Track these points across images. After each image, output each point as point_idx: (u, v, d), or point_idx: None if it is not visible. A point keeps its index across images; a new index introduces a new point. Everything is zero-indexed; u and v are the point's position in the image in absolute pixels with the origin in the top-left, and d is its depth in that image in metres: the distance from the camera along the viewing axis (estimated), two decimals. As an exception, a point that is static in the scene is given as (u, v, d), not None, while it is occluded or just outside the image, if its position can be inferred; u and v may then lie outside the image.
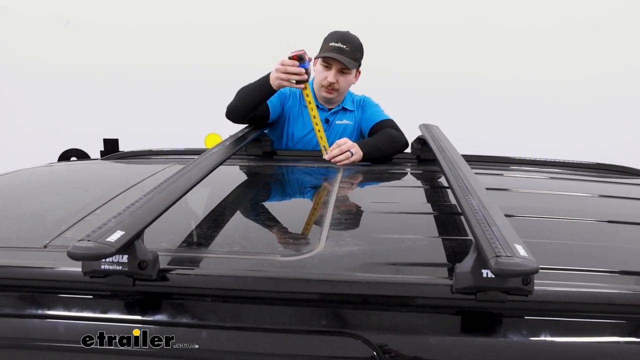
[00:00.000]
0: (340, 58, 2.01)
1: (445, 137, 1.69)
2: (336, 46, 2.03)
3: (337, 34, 2.07)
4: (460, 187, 1.08)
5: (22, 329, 0.86)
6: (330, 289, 0.84)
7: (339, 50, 2.02)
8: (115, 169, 1.90)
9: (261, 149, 1.94)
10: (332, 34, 2.09)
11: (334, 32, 2.09)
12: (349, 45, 2.04)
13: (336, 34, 2.08)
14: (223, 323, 0.82)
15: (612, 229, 1.23)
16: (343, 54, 2.02)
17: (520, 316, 0.81)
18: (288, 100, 2.14)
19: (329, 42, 2.06)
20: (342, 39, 2.04)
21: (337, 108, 2.18)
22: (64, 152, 4.15)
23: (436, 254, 1.02)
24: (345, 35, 2.07)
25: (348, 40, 2.05)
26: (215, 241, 1.06)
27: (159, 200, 0.96)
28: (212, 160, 1.32)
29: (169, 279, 0.84)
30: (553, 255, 0.99)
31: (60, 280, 0.89)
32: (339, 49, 2.02)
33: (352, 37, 2.08)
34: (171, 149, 2.09)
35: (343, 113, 2.19)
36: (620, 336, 0.80)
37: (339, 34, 2.07)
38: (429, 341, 0.79)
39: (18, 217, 1.30)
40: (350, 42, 2.05)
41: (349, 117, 2.19)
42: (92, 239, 0.76)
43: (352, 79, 2.13)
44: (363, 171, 1.72)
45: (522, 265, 0.70)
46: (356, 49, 2.07)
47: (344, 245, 0.99)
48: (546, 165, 1.92)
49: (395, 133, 2.05)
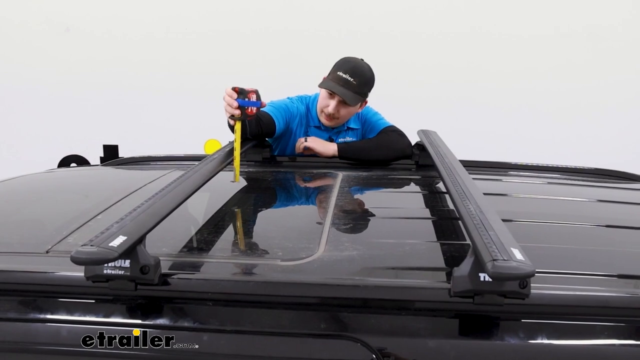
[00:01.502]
0: (343, 94, 1.93)
1: (444, 143, 1.70)
2: (343, 77, 1.93)
3: (348, 64, 1.97)
4: (458, 192, 1.09)
5: (25, 333, 0.86)
6: (330, 293, 0.85)
7: (345, 82, 1.93)
8: (115, 175, 1.91)
9: (261, 155, 1.95)
10: (343, 62, 1.98)
11: (345, 60, 1.99)
12: (357, 78, 1.93)
13: (347, 63, 1.97)
14: (224, 327, 0.83)
15: (608, 233, 1.25)
16: (348, 87, 1.93)
17: (517, 319, 0.82)
18: (295, 119, 2.11)
19: (337, 71, 1.96)
20: (352, 71, 1.94)
21: (340, 128, 2.14)
22: (63, 158, 4.16)
23: (434, 258, 1.03)
24: (355, 67, 1.96)
25: (357, 73, 1.95)
26: (216, 246, 1.07)
27: (160, 206, 0.97)
28: (213, 166, 1.34)
29: (171, 283, 0.85)
30: (549, 259, 1.00)
31: (63, 285, 0.90)
32: (345, 82, 1.93)
33: (362, 70, 1.97)
34: (171, 155, 2.10)
35: (346, 132, 2.16)
36: (616, 339, 0.81)
37: (349, 65, 1.96)
38: (428, 344, 0.80)
39: (20, 222, 1.31)
40: (359, 75, 1.95)
41: (351, 134, 2.16)
42: (95, 244, 0.77)
43: (355, 110, 2.05)
44: (362, 177, 1.73)
45: (518, 269, 0.71)
46: (364, 83, 1.97)
47: (343, 249, 1.00)
48: (544, 170, 1.93)
49: (393, 137, 2.02)
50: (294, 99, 2.16)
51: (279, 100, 2.12)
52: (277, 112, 2.00)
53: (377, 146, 1.98)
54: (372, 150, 1.97)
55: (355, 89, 1.95)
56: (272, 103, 2.05)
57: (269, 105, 2.02)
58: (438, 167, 1.37)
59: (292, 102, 2.13)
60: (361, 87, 1.96)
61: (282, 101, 2.11)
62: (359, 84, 1.94)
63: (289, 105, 2.10)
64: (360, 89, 1.96)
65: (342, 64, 1.98)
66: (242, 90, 1.58)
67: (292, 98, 2.17)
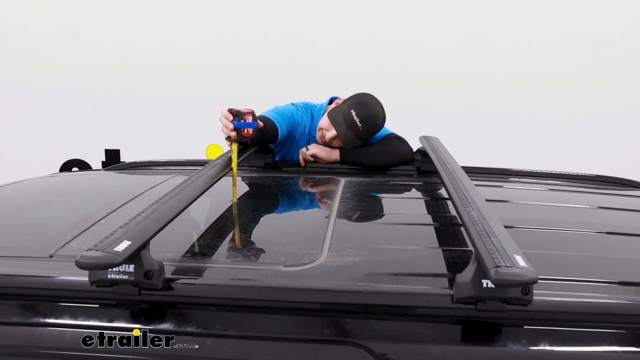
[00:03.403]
0: (344, 137, 1.93)
1: (445, 149, 1.70)
2: (353, 119, 1.91)
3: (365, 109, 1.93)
4: (460, 199, 1.09)
5: (28, 337, 0.87)
6: (333, 299, 0.85)
7: (352, 124, 1.91)
8: (117, 180, 1.91)
9: (263, 160, 1.95)
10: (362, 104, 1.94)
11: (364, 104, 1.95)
12: (365, 126, 1.92)
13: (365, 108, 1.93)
14: (227, 332, 0.84)
15: (610, 240, 1.25)
16: (353, 130, 1.92)
17: (519, 326, 0.82)
18: (299, 127, 2.12)
19: (351, 109, 1.92)
20: (364, 119, 1.91)
21: None
22: (65, 162, 4.14)
23: (437, 264, 1.03)
24: (369, 117, 1.93)
25: (369, 122, 1.93)
26: (219, 251, 1.07)
27: (164, 211, 0.97)
28: (215, 171, 1.34)
29: (174, 288, 0.86)
30: (552, 265, 1.00)
31: (67, 290, 0.90)
32: (353, 124, 1.91)
33: (374, 120, 1.95)
34: (172, 160, 2.11)
35: None
36: (618, 346, 0.81)
37: (366, 111, 1.93)
38: (430, 350, 0.80)
39: (23, 226, 1.31)
40: (371, 125, 1.94)
41: None
42: (99, 249, 0.77)
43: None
44: (364, 183, 1.74)
45: (521, 275, 0.72)
46: (369, 132, 1.96)
47: (346, 255, 1.00)
48: (546, 177, 1.93)
49: (394, 143, 2.02)
50: (300, 106, 2.16)
51: (284, 106, 2.12)
52: (280, 119, 2.00)
53: (378, 152, 1.99)
54: (373, 156, 1.98)
55: (359, 135, 1.94)
56: (276, 109, 2.06)
57: (273, 112, 2.03)
58: (440, 173, 1.37)
59: (298, 110, 2.13)
60: (365, 134, 1.96)
61: (287, 108, 2.11)
62: (364, 131, 1.94)
63: (294, 113, 2.10)
64: (363, 136, 1.96)
65: (360, 107, 1.94)
66: (238, 112, 1.58)
67: (297, 105, 2.16)
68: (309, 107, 2.18)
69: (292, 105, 2.15)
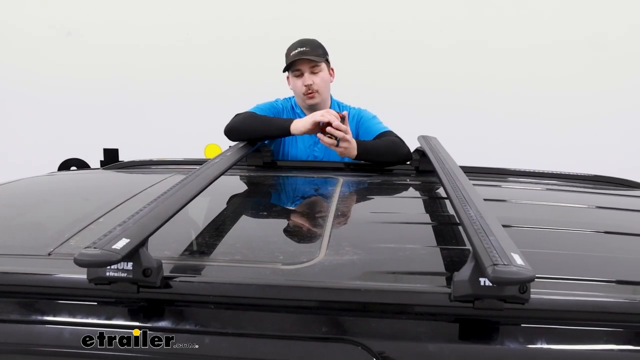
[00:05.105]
0: (303, 54, 2.06)
1: (444, 149, 1.71)
2: (296, 52, 2.08)
3: (294, 43, 2.13)
4: (458, 198, 1.10)
5: (27, 335, 0.87)
6: (331, 297, 0.85)
7: (300, 53, 2.07)
8: (116, 179, 1.91)
9: (261, 159, 1.96)
10: (290, 46, 2.14)
11: (290, 45, 2.14)
12: (307, 46, 2.09)
13: (293, 44, 2.13)
14: (225, 330, 0.84)
15: (607, 239, 1.25)
16: (305, 54, 2.07)
17: (516, 324, 0.82)
18: (282, 115, 2.16)
19: (289, 53, 2.11)
20: (300, 44, 2.10)
21: None
22: (64, 161, 4.16)
23: (434, 262, 1.03)
24: (301, 40, 2.13)
25: (305, 43, 2.11)
26: (217, 249, 1.08)
27: (163, 209, 0.97)
28: (214, 170, 1.34)
29: (173, 286, 0.86)
30: (549, 264, 1.01)
31: (65, 287, 0.90)
32: (300, 53, 2.07)
33: (309, 39, 2.14)
34: (171, 159, 2.11)
35: None
36: (615, 344, 0.82)
37: (295, 42, 2.13)
38: (428, 348, 0.80)
39: (21, 225, 1.31)
40: (309, 43, 2.11)
41: None
42: (98, 247, 0.77)
43: (326, 76, 2.14)
44: (362, 182, 1.74)
45: (518, 273, 0.72)
46: (317, 47, 2.12)
47: (344, 254, 1.00)
48: (544, 177, 1.93)
49: (398, 141, 2.02)
50: (279, 99, 2.25)
51: (265, 102, 2.18)
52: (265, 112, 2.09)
53: (385, 149, 1.97)
54: (380, 152, 1.96)
55: (312, 53, 2.08)
56: (258, 106, 2.13)
57: (255, 108, 2.10)
58: (438, 172, 1.38)
59: (277, 101, 2.22)
60: (316, 49, 2.10)
61: (268, 102, 2.19)
62: (312, 48, 2.09)
63: (274, 104, 2.20)
64: (316, 52, 2.10)
65: (290, 47, 2.13)
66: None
67: (277, 99, 2.25)
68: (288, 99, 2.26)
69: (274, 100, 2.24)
